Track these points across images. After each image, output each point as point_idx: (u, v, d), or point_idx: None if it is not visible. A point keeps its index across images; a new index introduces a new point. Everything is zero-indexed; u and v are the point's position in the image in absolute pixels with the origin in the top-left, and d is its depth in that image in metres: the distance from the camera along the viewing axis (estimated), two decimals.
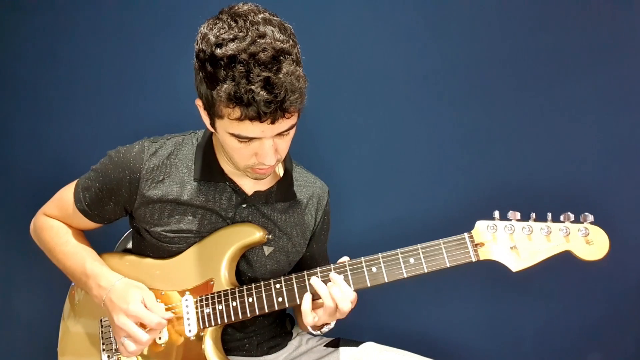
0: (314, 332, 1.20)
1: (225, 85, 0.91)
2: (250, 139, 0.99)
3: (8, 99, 1.81)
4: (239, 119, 0.94)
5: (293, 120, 1.00)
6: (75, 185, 1.22)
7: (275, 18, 0.97)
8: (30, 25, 1.78)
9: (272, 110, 0.92)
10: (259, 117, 0.93)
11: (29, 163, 1.81)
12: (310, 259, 1.32)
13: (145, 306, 1.10)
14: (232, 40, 0.92)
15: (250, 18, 0.94)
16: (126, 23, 1.73)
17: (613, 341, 1.63)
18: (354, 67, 1.67)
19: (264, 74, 0.90)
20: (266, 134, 0.98)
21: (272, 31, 0.93)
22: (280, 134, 1.00)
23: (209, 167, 1.16)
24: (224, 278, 1.14)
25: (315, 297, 1.07)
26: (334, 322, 1.19)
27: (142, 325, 1.09)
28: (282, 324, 1.34)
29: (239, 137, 0.99)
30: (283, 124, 0.97)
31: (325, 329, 1.20)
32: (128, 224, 1.27)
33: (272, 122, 0.95)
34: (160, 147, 1.18)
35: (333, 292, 1.04)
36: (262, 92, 0.90)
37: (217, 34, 0.93)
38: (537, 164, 1.61)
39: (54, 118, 1.79)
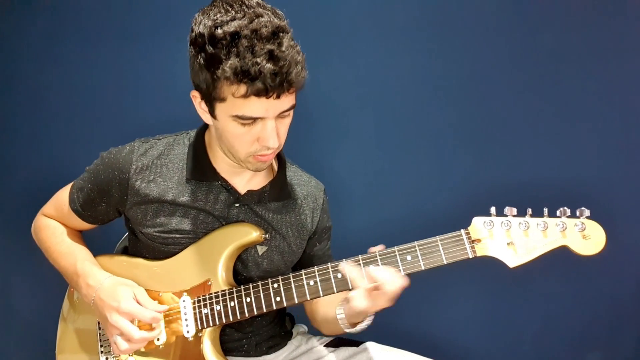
0: (348, 331, 1.09)
1: (229, 62, 0.93)
2: (254, 120, 1.00)
3: (8, 99, 1.82)
4: (245, 96, 0.95)
5: (293, 99, 1.01)
6: (71, 186, 1.24)
7: (267, 5, 1.01)
8: (30, 25, 1.79)
9: (278, 83, 0.94)
10: (265, 92, 0.94)
11: (29, 163, 1.82)
12: (314, 258, 1.31)
13: (138, 302, 1.10)
14: (232, 19, 0.94)
15: (246, 2, 0.98)
16: (126, 24, 1.74)
17: (613, 341, 1.62)
18: (350, 65, 1.67)
19: (267, 46, 0.93)
20: (269, 113, 0.99)
21: (268, 13, 0.97)
22: (281, 116, 1.01)
23: (201, 166, 1.16)
24: (221, 278, 1.14)
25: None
26: (372, 317, 1.08)
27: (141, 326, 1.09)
28: (282, 324, 1.33)
29: (242, 119, 0.99)
30: (286, 101, 0.99)
31: (364, 324, 1.09)
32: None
33: (278, 97, 0.96)
34: (151, 147, 1.18)
35: (373, 273, 0.98)
36: (268, 65, 0.92)
37: (214, 17, 0.96)
38: (533, 159, 1.60)
39: (54, 118, 1.79)
